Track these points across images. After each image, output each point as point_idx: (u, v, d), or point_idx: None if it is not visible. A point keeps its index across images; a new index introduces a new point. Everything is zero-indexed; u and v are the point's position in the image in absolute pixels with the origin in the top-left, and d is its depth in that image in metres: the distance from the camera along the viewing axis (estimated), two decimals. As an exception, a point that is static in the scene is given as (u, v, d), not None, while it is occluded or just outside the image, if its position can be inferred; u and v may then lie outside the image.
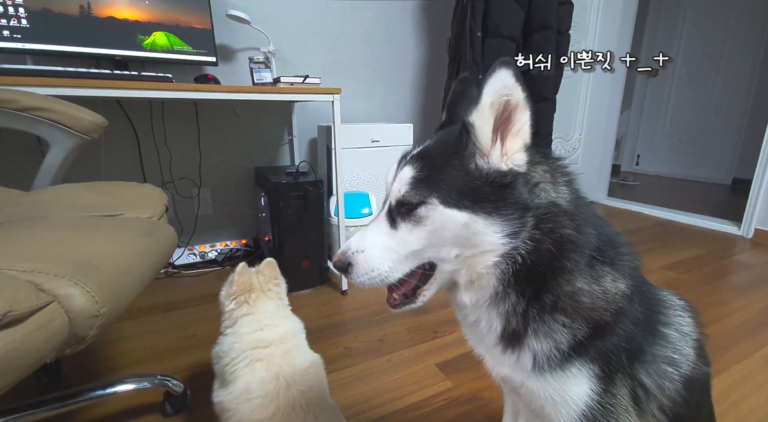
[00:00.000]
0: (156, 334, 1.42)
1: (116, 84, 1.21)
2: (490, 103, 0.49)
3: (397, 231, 0.53)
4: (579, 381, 0.51)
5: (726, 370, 1.23)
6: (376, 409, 1.08)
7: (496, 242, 0.49)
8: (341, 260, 0.54)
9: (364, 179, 2.15)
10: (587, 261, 0.51)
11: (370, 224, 0.56)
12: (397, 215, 0.53)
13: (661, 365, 0.54)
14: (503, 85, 0.48)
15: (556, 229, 0.50)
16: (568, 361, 0.51)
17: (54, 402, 0.87)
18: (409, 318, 1.54)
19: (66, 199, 0.85)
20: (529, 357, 0.52)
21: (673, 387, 0.53)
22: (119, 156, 1.87)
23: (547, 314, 0.51)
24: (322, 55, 2.28)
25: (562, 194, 0.52)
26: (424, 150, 0.55)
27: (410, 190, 0.51)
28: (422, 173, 0.51)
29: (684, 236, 2.63)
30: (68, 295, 0.53)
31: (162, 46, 1.68)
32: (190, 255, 2.04)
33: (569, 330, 0.50)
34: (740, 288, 1.86)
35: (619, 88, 3.45)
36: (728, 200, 3.63)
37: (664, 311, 0.58)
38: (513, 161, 0.50)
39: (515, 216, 0.49)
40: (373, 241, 0.54)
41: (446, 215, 0.50)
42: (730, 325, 1.50)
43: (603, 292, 0.51)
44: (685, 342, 0.56)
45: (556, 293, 0.50)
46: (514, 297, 0.51)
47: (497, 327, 0.54)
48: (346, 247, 0.55)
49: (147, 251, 0.73)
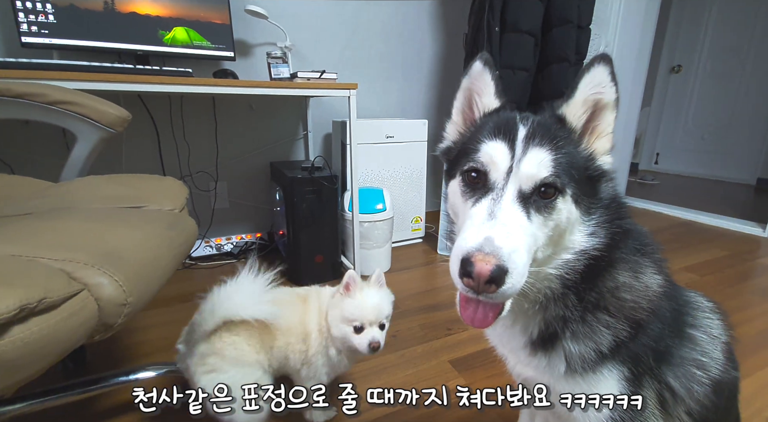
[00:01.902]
0: (175, 324, 1.43)
1: (139, 78, 1.23)
2: (583, 100, 0.49)
3: (531, 224, 0.44)
4: (609, 384, 0.50)
5: (750, 376, 1.19)
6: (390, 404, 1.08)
7: (580, 242, 0.48)
8: (500, 266, 0.39)
9: (378, 175, 2.15)
10: (631, 250, 0.51)
11: (497, 211, 0.43)
12: (531, 204, 0.45)
13: (689, 368, 0.52)
14: (599, 81, 0.48)
15: (616, 221, 0.49)
16: (601, 363, 0.50)
17: (79, 387, 0.90)
18: (422, 315, 1.54)
19: (92, 190, 0.87)
20: (561, 359, 0.51)
21: (702, 390, 0.52)
22: (140, 150, 1.91)
23: (589, 313, 0.49)
24: (338, 51, 2.27)
25: (615, 185, 0.52)
26: (540, 130, 0.47)
27: (554, 175, 0.45)
28: (559, 156, 0.45)
29: (706, 237, 2.55)
30: (98, 284, 0.54)
31: (182, 41, 1.70)
32: (207, 248, 2.07)
33: (611, 330, 0.49)
34: (765, 292, 1.80)
35: (640, 85, 3.36)
36: (753, 200, 3.51)
37: (692, 313, 0.56)
38: (603, 160, 0.50)
39: (597, 214, 0.48)
40: (520, 236, 0.42)
41: (571, 210, 0.46)
42: (754, 330, 1.46)
43: (644, 288, 0.50)
44: (713, 345, 0.55)
45: (600, 290, 0.49)
46: (572, 297, 0.49)
47: (534, 331, 0.53)
48: (494, 247, 0.40)
49: (171, 243, 0.74)
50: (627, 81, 3.25)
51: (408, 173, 2.23)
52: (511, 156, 0.46)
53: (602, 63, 0.48)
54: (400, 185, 2.22)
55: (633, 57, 3.19)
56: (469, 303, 0.46)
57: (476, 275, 0.39)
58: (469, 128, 0.56)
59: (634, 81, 3.29)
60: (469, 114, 0.59)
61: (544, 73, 2.13)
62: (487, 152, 0.48)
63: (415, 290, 1.76)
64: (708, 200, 3.39)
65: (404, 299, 1.65)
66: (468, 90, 0.58)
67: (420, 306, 1.61)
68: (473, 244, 0.40)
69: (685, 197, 3.57)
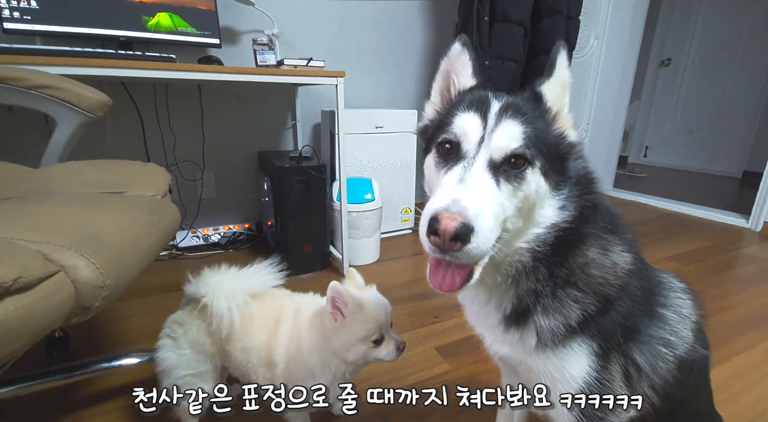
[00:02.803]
0: (160, 313, 1.42)
1: (121, 63, 1.21)
2: (559, 79, 0.52)
3: (500, 192, 0.45)
4: (579, 358, 0.52)
5: (728, 360, 1.23)
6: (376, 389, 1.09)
7: (550, 216, 0.50)
8: (465, 224, 0.40)
9: (367, 165, 2.15)
10: (601, 228, 0.52)
11: (466, 177, 0.45)
12: (501, 173, 0.46)
13: (656, 345, 0.54)
14: (565, 64, 0.52)
15: (586, 196, 0.51)
16: (571, 338, 0.51)
17: (62, 372, 0.90)
18: (410, 304, 1.55)
19: (72, 176, 0.86)
20: (533, 334, 0.53)
21: (667, 367, 0.54)
22: (123, 138, 1.88)
23: (559, 289, 0.51)
24: (328, 40, 2.25)
25: (586, 163, 0.54)
26: (513, 106, 0.49)
27: (524, 146, 0.46)
28: (529, 130, 0.47)
29: (691, 228, 2.60)
30: (74, 265, 0.54)
31: (166, 27, 1.67)
32: (194, 238, 2.06)
33: (580, 305, 0.51)
34: (745, 281, 1.85)
35: (629, 78, 3.39)
36: (738, 193, 3.58)
37: (663, 293, 0.58)
38: (571, 136, 0.52)
39: (566, 190, 0.50)
40: (487, 200, 0.43)
41: (540, 183, 0.48)
42: (734, 317, 1.50)
43: (612, 265, 0.52)
44: (683, 324, 0.57)
45: (570, 266, 0.51)
46: (543, 270, 0.51)
47: (507, 307, 0.54)
48: (461, 207, 0.41)
49: (151, 227, 0.74)
50: (616, 74, 3.27)
51: (397, 164, 2.23)
52: (483, 127, 0.48)
53: (563, 48, 0.51)
54: (389, 175, 2.22)
55: (622, 50, 3.21)
56: (438, 269, 0.47)
57: (442, 232, 0.40)
58: (446, 107, 0.57)
59: (623, 74, 3.31)
60: (447, 95, 0.60)
61: (533, 64, 2.13)
62: (459, 123, 0.49)
63: (404, 280, 1.77)
64: (694, 193, 3.45)
65: (392, 289, 1.67)
66: (446, 71, 0.60)
67: (408, 295, 1.63)
68: (441, 204, 0.41)
69: (672, 189, 3.62)
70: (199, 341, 0.83)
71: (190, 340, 0.83)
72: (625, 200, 3.34)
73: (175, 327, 0.85)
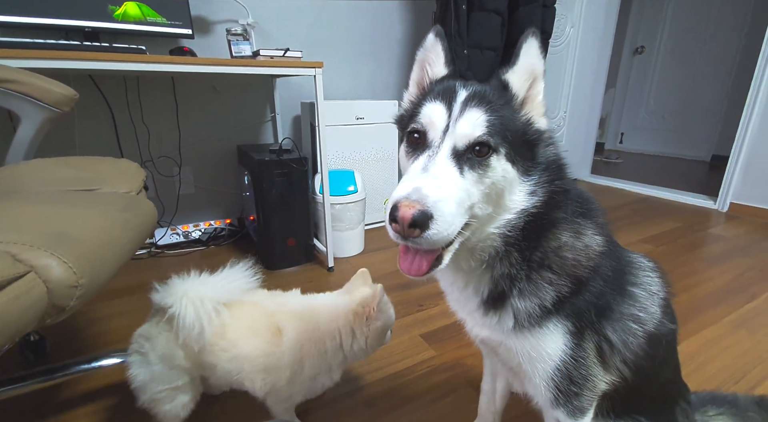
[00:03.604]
0: (139, 313, 1.39)
1: (87, 55, 1.16)
2: (525, 68, 0.52)
3: (464, 179, 0.46)
4: (555, 337, 0.54)
5: (695, 334, 1.30)
6: (363, 377, 1.11)
7: (520, 201, 0.51)
8: (423, 211, 0.41)
9: (349, 157, 2.14)
10: (572, 211, 0.54)
11: (430, 166, 0.46)
12: (465, 161, 0.47)
13: (627, 322, 0.57)
14: (534, 53, 0.52)
15: (556, 181, 0.52)
16: (546, 318, 0.53)
17: (39, 375, 0.88)
18: (394, 293, 1.56)
19: (39, 174, 0.83)
20: (510, 316, 0.54)
21: (637, 342, 0.57)
22: (95, 134, 1.82)
23: (534, 272, 0.53)
24: (305, 29, 2.21)
25: (557, 149, 0.55)
26: (478, 95, 0.50)
27: (488, 134, 0.47)
28: (493, 118, 0.48)
29: (663, 211, 2.71)
30: (45, 265, 0.52)
31: (134, 17, 1.61)
32: (174, 235, 2.02)
33: (554, 287, 0.52)
34: (713, 259, 1.94)
35: (604, 66, 3.46)
36: (707, 176, 3.73)
37: (633, 272, 0.61)
38: (540, 123, 0.53)
39: (536, 175, 0.51)
40: (449, 188, 0.44)
41: (507, 169, 0.49)
42: (701, 293, 1.58)
43: (584, 247, 0.54)
44: (652, 300, 0.60)
45: (544, 249, 0.53)
46: (516, 255, 0.52)
47: (484, 291, 0.56)
48: (421, 195, 0.42)
49: (126, 224, 0.72)
50: (592, 62, 3.33)
51: (380, 155, 2.23)
52: (448, 116, 0.49)
53: (533, 36, 0.52)
54: (371, 166, 2.22)
55: (597, 38, 3.27)
56: (407, 254, 0.48)
57: (400, 219, 0.41)
58: (419, 97, 0.57)
59: (598, 62, 3.38)
60: (423, 85, 0.60)
61: (511, 53, 2.15)
62: (426, 113, 0.51)
63: (388, 271, 1.78)
64: (666, 177, 3.58)
65: (378, 279, 1.64)
66: (422, 61, 0.61)
67: (393, 285, 1.64)
68: (402, 193, 0.43)
69: (646, 174, 3.74)
70: (170, 355, 0.78)
71: (159, 355, 0.78)
72: (602, 186, 3.44)
73: (142, 341, 0.80)
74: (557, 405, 0.57)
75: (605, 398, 0.62)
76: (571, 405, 0.57)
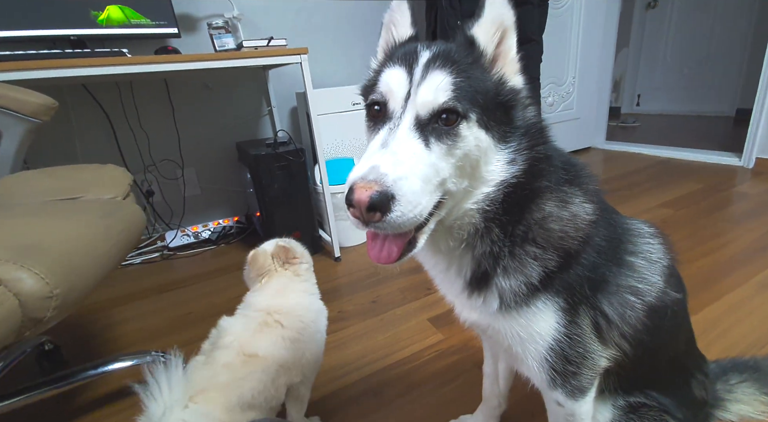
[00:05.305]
0: (153, 315, 1.45)
1: (65, 63, 1.15)
2: (491, 20, 0.47)
3: (431, 153, 0.41)
4: (545, 316, 0.50)
5: (718, 299, 1.22)
6: (369, 365, 1.10)
7: (499, 172, 0.46)
8: (381, 191, 0.37)
9: (348, 144, 2.10)
10: (557, 179, 0.49)
11: (390, 140, 0.41)
12: (430, 132, 0.42)
13: (624, 295, 0.52)
14: (500, 3, 0.46)
15: (537, 147, 0.48)
16: (534, 296, 0.49)
17: (52, 383, 0.90)
18: (402, 279, 1.54)
19: (24, 186, 0.83)
20: (495, 296, 0.51)
21: (635, 315, 0.53)
22: (95, 143, 1.84)
23: (518, 247, 0.48)
24: (292, 16, 2.15)
25: (537, 112, 0.50)
26: (442, 55, 0.45)
27: (455, 99, 0.42)
28: (460, 80, 0.43)
29: (684, 172, 2.57)
30: (15, 278, 0.52)
31: (118, 20, 1.59)
32: (184, 237, 2.05)
33: (540, 262, 0.48)
34: (737, 219, 1.83)
35: (613, 25, 3.26)
36: (731, 132, 3.51)
37: (632, 240, 0.56)
38: (515, 82, 0.48)
39: (515, 142, 0.47)
40: (412, 163, 0.40)
41: (480, 137, 0.44)
42: (725, 256, 1.49)
43: (572, 217, 0.49)
44: (652, 269, 0.55)
45: (527, 222, 0.48)
46: (497, 231, 0.48)
47: (467, 272, 0.52)
48: (378, 174, 0.37)
49: (107, 231, 0.71)
50: (600, 21, 3.14)
51: (379, 139, 2.18)
52: (409, 81, 0.44)
53: None
54: (372, 152, 2.17)
55: (603, -6, 3.07)
56: (375, 241, 0.43)
57: (356, 203, 0.37)
58: (381, 63, 0.53)
59: (606, 21, 3.18)
60: (388, 50, 0.55)
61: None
62: (385, 80, 0.46)
63: (395, 255, 1.76)
64: (688, 136, 3.39)
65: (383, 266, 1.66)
66: (388, 24, 0.56)
67: (399, 271, 1.62)
68: (358, 173, 0.38)
69: (666, 135, 3.55)
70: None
71: None
72: (617, 152, 3.29)
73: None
74: (555, 386, 0.54)
75: (610, 374, 0.59)
76: (569, 385, 0.53)
